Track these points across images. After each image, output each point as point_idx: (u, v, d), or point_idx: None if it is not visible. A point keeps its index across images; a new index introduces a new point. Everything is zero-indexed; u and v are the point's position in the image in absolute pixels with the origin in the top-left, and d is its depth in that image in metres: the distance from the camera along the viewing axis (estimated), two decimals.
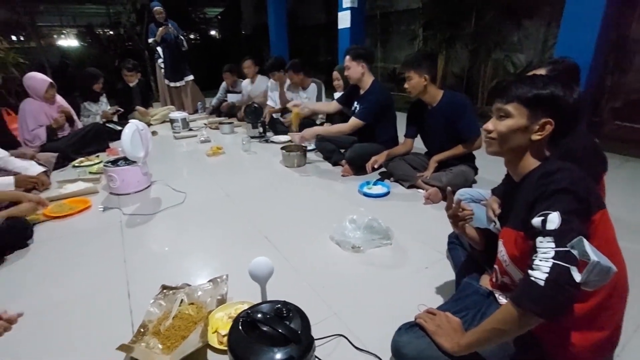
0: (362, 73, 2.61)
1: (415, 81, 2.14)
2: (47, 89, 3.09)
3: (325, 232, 1.83)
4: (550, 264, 0.71)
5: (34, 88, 3.07)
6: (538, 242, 0.76)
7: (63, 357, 1.16)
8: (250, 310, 0.98)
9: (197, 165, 3.15)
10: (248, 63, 4.47)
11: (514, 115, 0.89)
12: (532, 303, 0.72)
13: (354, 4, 4.45)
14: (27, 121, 3.06)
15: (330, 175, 2.75)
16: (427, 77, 2.12)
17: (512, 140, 0.91)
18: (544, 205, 0.78)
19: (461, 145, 2.18)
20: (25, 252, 1.77)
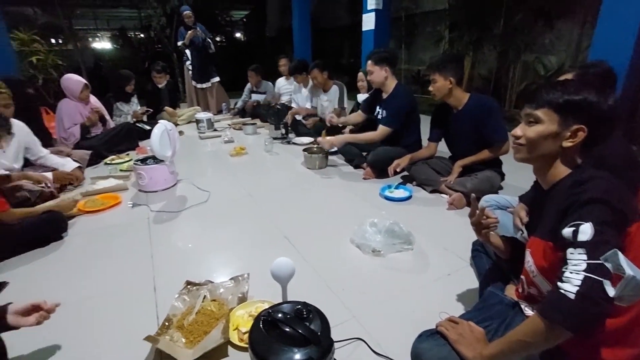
0: (385, 77, 2.60)
1: (440, 84, 2.11)
2: (82, 90, 3.26)
3: (345, 234, 1.83)
4: (581, 276, 0.69)
5: (70, 89, 3.24)
6: (569, 253, 0.73)
7: (94, 345, 1.22)
8: (271, 309, 0.99)
9: (221, 164, 3.22)
10: (284, 61, 4.55)
11: (544, 121, 0.86)
12: (561, 316, 0.70)
13: (379, 6, 4.42)
14: (63, 120, 3.24)
15: (352, 178, 2.75)
16: (452, 80, 2.09)
17: (541, 147, 0.88)
18: (575, 216, 0.75)
19: (487, 150, 2.12)
20: (60, 245, 1.88)
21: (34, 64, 5.69)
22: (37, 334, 1.20)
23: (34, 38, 5.80)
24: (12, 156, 2.30)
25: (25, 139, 2.40)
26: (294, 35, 6.58)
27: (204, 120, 4.28)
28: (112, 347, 1.20)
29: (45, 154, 2.49)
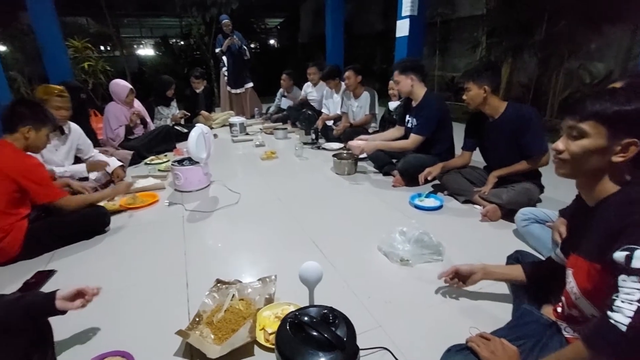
0: (412, 85, 2.57)
1: (474, 93, 2.05)
2: (128, 94, 3.48)
3: (373, 241, 1.82)
4: (635, 307, 0.64)
5: (117, 93, 3.47)
6: (620, 280, 0.68)
7: (128, 332, 1.28)
8: (298, 312, 1.01)
9: (252, 168, 3.30)
10: (313, 69, 4.62)
11: (590, 134, 0.79)
12: (610, 348, 0.65)
13: (414, 12, 4.37)
14: (110, 122, 3.46)
15: (381, 185, 2.73)
16: (487, 89, 2.02)
17: (587, 162, 0.81)
18: (628, 239, 0.69)
19: (525, 162, 2.03)
20: (103, 238, 2.00)
21: (86, 69, 6.15)
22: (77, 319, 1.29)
23: (86, 45, 6.27)
24: (63, 155, 2.50)
25: (78, 140, 2.61)
26: (326, 42, 6.65)
27: (237, 124, 4.42)
28: (145, 336, 1.26)
29: (94, 154, 2.69)
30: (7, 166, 1.67)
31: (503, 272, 1.28)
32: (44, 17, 5.06)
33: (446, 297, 1.43)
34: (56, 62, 5.26)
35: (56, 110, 2.35)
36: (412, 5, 4.34)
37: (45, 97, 2.34)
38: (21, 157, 1.75)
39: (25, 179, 1.70)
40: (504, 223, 2.05)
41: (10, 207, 1.70)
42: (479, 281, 1.32)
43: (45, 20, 5.08)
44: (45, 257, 1.79)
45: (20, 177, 1.69)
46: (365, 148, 2.71)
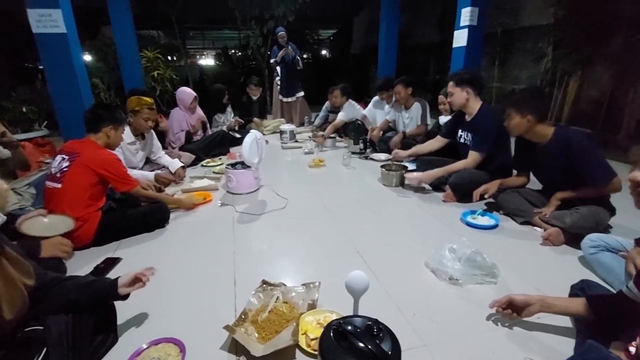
0: (467, 99, 2.47)
1: (516, 122, 1.95)
2: (192, 101, 3.76)
3: (420, 256, 1.76)
4: None
5: (183, 99, 3.77)
6: None
7: (178, 322, 1.36)
8: (342, 320, 1.00)
9: (300, 174, 3.37)
10: (336, 93, 4.62)
11: None
12: None
13: (473, 22, 4.23)
14: (173, 126, 3.76)
15: (430, 199, 2.64)
16: (531, 119, 1.90)
17: None
18: None
19: (592, 189, 1.84)
20: (162, 232, 2.17)
21: (155, 77, 6.74)
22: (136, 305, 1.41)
23: (157, 56, 6.88)
24: (140, 157, 2.83)
25: (152, 143, 2.87)
26: (379, 53, 6.65)
27: (287, 131, 4.56)
28: (195, 327, 1.33)
29: (162, 155, 2.96)
30: (92, 161, 1.90)
31: (565, 305, 1.18)
32: (124, 31, 5.67)
33: (499, 323, 1.34)
34: (131, 71, 5.86)
35: (144, 121, 2.67)
36: (471, 15, 4.21)
37: (137, 108, 2.65)
38: (103, 152, 1.99)
39: (106, 171, 1.92)
40: (567, 249, 1.88)
41: (90, 199, 1.92)
42: (535, 314, 1.22)
43: (125, 34, 5.69)
44: (113, 245, 1.98)
45: (102, 169, 1.91)
46: (423, 178, 2.64)
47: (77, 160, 1.90)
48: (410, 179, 2.70)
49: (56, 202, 1.86)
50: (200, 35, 14.11)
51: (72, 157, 1.91)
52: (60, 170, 1.89)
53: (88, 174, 1.89)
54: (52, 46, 3.20)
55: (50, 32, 3.15)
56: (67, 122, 3.42)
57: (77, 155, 1.92)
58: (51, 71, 3.33)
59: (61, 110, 3.42)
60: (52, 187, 1.88)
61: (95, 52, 6.77)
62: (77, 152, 1.93)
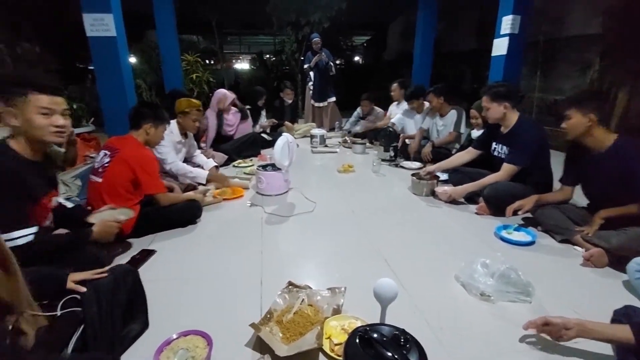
0: (504, 113, 2.38)
1: (576, 121, 1.83)
2: (229, 103, 3.89)
3: (450, 269, 1.71)
4: None
5: (220, 100, 3.90)
6: None
7: (204, 315, 1.40)
8: (368, 327, 0.99)
9: (329, 179, 3.38)
10: (394, 87, 4.64)
11: None
12: None
13: (515, 30, 4.09)
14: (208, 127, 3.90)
15: (462, 210, 2.56)
16: (593, 118, 1.78)
17: None
18: None
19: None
20: (194, 227, 2.24)
21: (194, 80, 7.04)
22: (168, 297, 1.46)
23: (196, 60, 7.19)
24: (182, 154, 2.94)
25: (190, 142, 3.01)
26: (413, 60, 6.57)
27: (317, 136, 4.59)
28: (221, 322, 1.36)
29: (197, 154, 3.10)
30: (130, 156, 2.00)
31: (605, 332, 1.11)
32: (168, 35, 5.97)
33: (532, 345, 1.27)
34: (172, 73, 6.15)
35: (192, 122, 2.81)
36: (512, 24, 4.07)
37: (187, 110, 2.79)
38: (141, 149, 2.09)
39: (140, 169, 2.01)
40: (611, 271, 1.75)
41: (129, 192, 2.02)
42: (572, 339, 1.15)
43: (168, 38, 5.99)
44: (148, 238, 2.07)
45: (137, 166, 2.00)
46: (453, 194, 2.58)
47: (117, 156, 2.01)
48: (440, 194, 2.64)
49: (97, 195, 1.98)
50: (237, 40, 14.59)
51: (112, 153, 2.03)
52: (102, 165, 2.01)
53: (126, 170, 1.99)
54: (102, 48, 3.43)
55: (102, 35, 3.38)
56: (112, 119, 3.64)
57: (118, 151, 2.03)
58: (100, 72, 3.56)
59: (107, 108, 3.64)
60: (94, 180, 2.00)
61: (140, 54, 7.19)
62: (118, 148, 2.04)
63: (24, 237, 1.26)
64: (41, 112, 1.31)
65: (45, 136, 1.33)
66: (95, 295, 1.10)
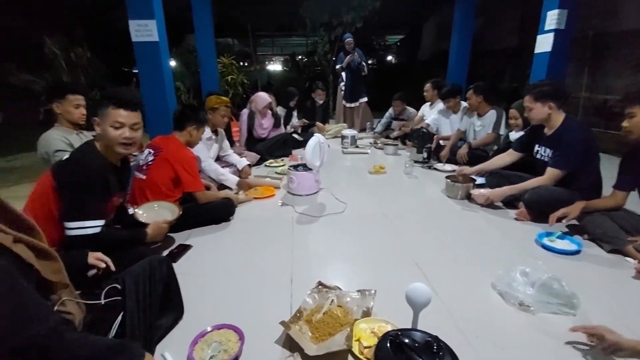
0: (549, 114, 2.24)
1: None
2: (265, 106, 3.98)
3: (486, 276, 1.64)
4: None
5: (256, 103, 4.00)
6: None
7: (239, 312, 1.43)
8: (400, 332, 0.98)
9: (359, 180, 3.36)
10: (427, 87, 4.54)
11: None
12: None
13: (560, 26, 3.85)
14: (242, 127, 4.00)
15: (500, 215, 2.44)
16: None
17: None
18: None
19: None
20: (227, 225, 2.32)
21: (229, 81, 7.26)
22: (200, 289, 1.51)
23: (231, 62, 7.41)
24: (215, 151, 3.05)
25: (223, 140, 3.12)
26: (449, 58, 6.37)
27: (348, 136, 4.57)
28: (252, 318, 1.39)
29: (230, 153, 3.18)
30: (173, 155, 2.11)
31: None
32: (206, 39, 6.19)
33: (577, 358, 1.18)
34: (209, 76, 6.37)
35: (221, 118, 2.94)
36: (558, 18, 3.83)
37: (216, 106, 2.91)
38: (183, 149, 2.20)
39: (182, 168, 2.10)
40: None
41: (169, 190, 2.12)
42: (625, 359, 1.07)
43: (206, 42, 6.21)
44: (185, 234, 2.16)
45: (178, 165, 2.10)
46: (491, 196, 2.46)
47: (160, 155, 2.12)
48: (476, 196, 2.53)
49: (141, 191, 2.09)
50: (270, 42, 14.88)
51: (156, 152, 2.14)
52: (146, 163, 2.13)
53: (168, 168, 2.10)
54: (146, 53, 3.62)
55: (145, 40, 3.57)
56: (153, 120, 3.82)
57: (161, 150, 2.14)
58: (144, 75, 3.76)
59: (149, 109, 3.83)
60: (138, 177, 2.12)
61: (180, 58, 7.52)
62: (161, 148, 2.16)
63: (93, 227, 1.43)
64: (114, 126, 1.48)
65: (114, 146, 1.50)
66: (134, 285, 1.16)
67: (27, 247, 0.85)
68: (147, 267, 1.24)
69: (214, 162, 2.87)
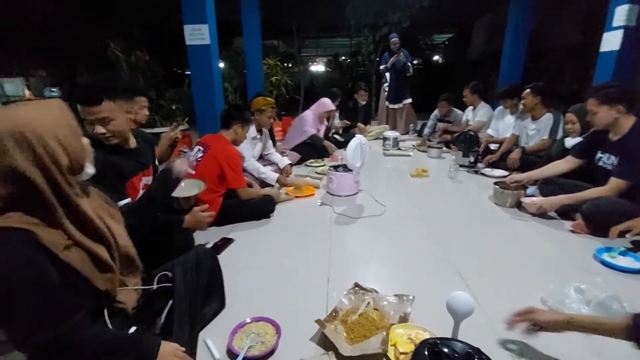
0: (616, 118, 2.04)
1: None
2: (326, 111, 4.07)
3: (535, 291, 1.53)
4: None
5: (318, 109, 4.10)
6: None
7: (276, 306, 1.47)
8: (439, 340, 0.95)
9: (400, 183, 3.29)
10: (466, 92, 4.37)
11: None
12: None
13: (631, 22, 3.48)
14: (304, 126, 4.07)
15: (554, 226, 2.27)
16: None
17: None
18: None
19: None
20: (267, 222, 2.39)
21: (273, 82, 7.45)
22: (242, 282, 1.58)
23: (276, 63, 7.60)
24: (259, 150, 3.17)
25: (265, 139, 3.22)
26: (502, 57, 6.02)
27: (390, 138, 4.50)
28: (289, 314, 1.42)
29: (272, 152, 3.29)
30: (219, 153, 2.22)
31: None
32: (253, 41, 6.41)
33: None
34: (255, 77, 6.59)
35: (267, 119, 3.05)
36: (628, 14, 3.48)
37: (263, 107, 3.02)
38: (229, 147, 2.31)
39: (227, 165, 2.21)
40: None
41: (215, 185, 2.24)
42: None
43: (253, 44, 6.43)
44: (228, 228, 2.26)
45: (224, 162, 2.20)
46: (544, 205, 2.28)
47: (208, 151, 2.25)
48: (528, 204, 2.37)
49: None
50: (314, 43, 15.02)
51: (205, 149, 2.27)
52: (196, 159, 2.26)
53: (214, 165, 2.21)
54: (198, 55, 3.83)
55: (198, 43, 3.78)
56: (203, 119, 4.05)
57: (209, 147, 2.27)
58: (196, 76, 3.98)
59: (199, 109, 4.06)
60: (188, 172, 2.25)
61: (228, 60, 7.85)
62: (209, 145, 2.28)
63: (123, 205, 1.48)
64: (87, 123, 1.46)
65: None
66: (183, 274, 1.24)
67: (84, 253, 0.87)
68: (194, 257, 1.32)
69: (255, 160, 2.97)
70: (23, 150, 0.76)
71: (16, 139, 0.75)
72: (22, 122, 0.77)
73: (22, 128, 0.76)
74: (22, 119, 0.78)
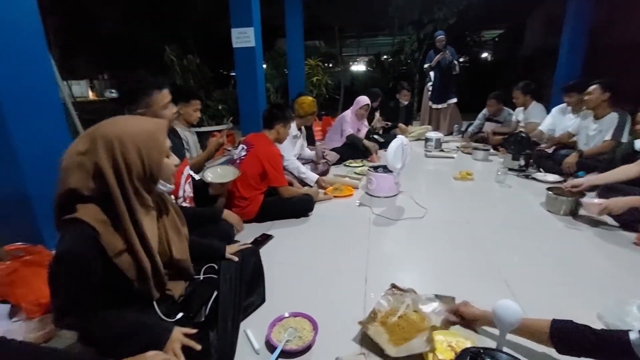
0: None
1: None
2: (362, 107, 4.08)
3: (591, 306, 1.41)
4: None
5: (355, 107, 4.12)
6: None
7: (314, 304, 1.48)
8: (483, 350, 0.91)
9: (442, 186, 3.18)
10: (516, 93, 4.12)
11: None
12: None
13: None
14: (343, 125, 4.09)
15: (615, 239, 2.07)
16: None
17: None
18: None
19: None
20: (306, 220, 2.43)
21: (314, 82, 7.53)
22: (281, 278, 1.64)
23: (317, 63, 7.66)
24: (298, 148, 3.25)
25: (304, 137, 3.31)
26: (559, 55, 5.60)
27: (433, 139, 4.37)
28: (324, 310, 1.43)
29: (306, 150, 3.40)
30: (262, 152, 2.29)
31: None
32: (295, 43, 6.52)
33: None
34: (296, 77, 6.71)
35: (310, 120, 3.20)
36: None
37: (310, 110, 3.15)
38: (271, 146, 2.38)
39: (268, 163, 2.28)
40: None
41: (256, 183, 2.32)
42: None
43: (295, 46, 6.54)
44: (268, 224, 2.33)
45: (266, 161, 2.27)
46: (610, 206, 1.99)
47: (251, 151, 2.33)
48: (589, 205, 2.14)
49: (233, 182, 2.31)
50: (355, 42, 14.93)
51: (249, 148, 2.36)
52: (239, 158, 2.35)
53: (257, 163, 2.29)
54: (244, 57, 3.99)
55: (244, 46, 3.92)
56: (246, 118, 4.20)
57: (252, 146, 2.35)
58: (241, 77, 4.14)
59: (243, 109, 4.22)
60: None
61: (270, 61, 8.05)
62: (253, 144, 2.36)
63: None
64: None
65: None
66: (227, 268, 1.31)
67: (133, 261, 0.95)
68: (240, 255, 1.40)
69: (296, 160, 3.03)
70: (107, 151, 0.91)
71: (106, 142, 0.91)
72: (116, 130, 0.93)
73: (113, 135, 0.91)
74: (118, 127, 0.94)
